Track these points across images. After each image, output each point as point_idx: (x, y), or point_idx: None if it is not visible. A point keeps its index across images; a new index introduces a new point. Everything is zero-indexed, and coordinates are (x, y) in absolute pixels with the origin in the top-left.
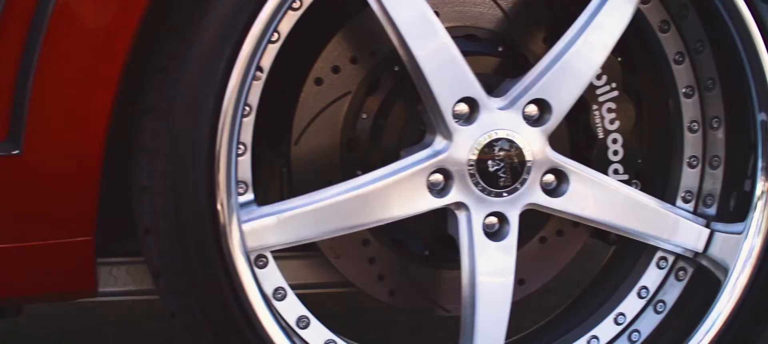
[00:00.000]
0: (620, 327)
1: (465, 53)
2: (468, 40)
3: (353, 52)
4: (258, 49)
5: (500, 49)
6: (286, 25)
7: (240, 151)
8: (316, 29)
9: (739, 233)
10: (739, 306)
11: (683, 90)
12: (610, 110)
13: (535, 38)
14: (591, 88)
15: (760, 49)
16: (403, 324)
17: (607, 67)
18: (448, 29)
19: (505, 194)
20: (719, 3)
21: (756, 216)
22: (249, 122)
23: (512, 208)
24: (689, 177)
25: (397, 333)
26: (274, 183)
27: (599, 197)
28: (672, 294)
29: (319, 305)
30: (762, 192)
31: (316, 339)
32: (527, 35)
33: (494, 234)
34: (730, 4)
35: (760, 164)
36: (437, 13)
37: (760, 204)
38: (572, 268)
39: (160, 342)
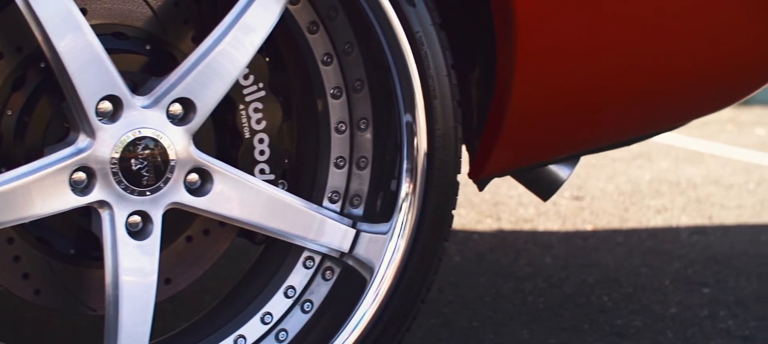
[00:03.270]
0: (267, 327)
1: (111, 51)
2: (116, 37)
3: None
4: None
5: (148, 48)
6: None
7: None
8: None
9: (385, 233)
10: (384, 306)
11: (331, 91)
12: (256, 110)
13: (184, 37)
14: (238, 88)
15: (406, 51)
16: (59, 325)
17: (255, 67)
18: (97, 26)
19: (148, 193)
20: (366, 5)
21: (401, 217)
22: None
23: (155, 207)
24: (336, 178)
25: (50, 333)
26: None
27: (243, 197)
28: (319, 293)
29: None
30: (407, 194)
31: None
32: (176, 34)
33: (137, 233)
34: (377, 6)
35: (405, 165)
36: (85, 10)
37: (405, 205)
38: (228, 268)
39: None
